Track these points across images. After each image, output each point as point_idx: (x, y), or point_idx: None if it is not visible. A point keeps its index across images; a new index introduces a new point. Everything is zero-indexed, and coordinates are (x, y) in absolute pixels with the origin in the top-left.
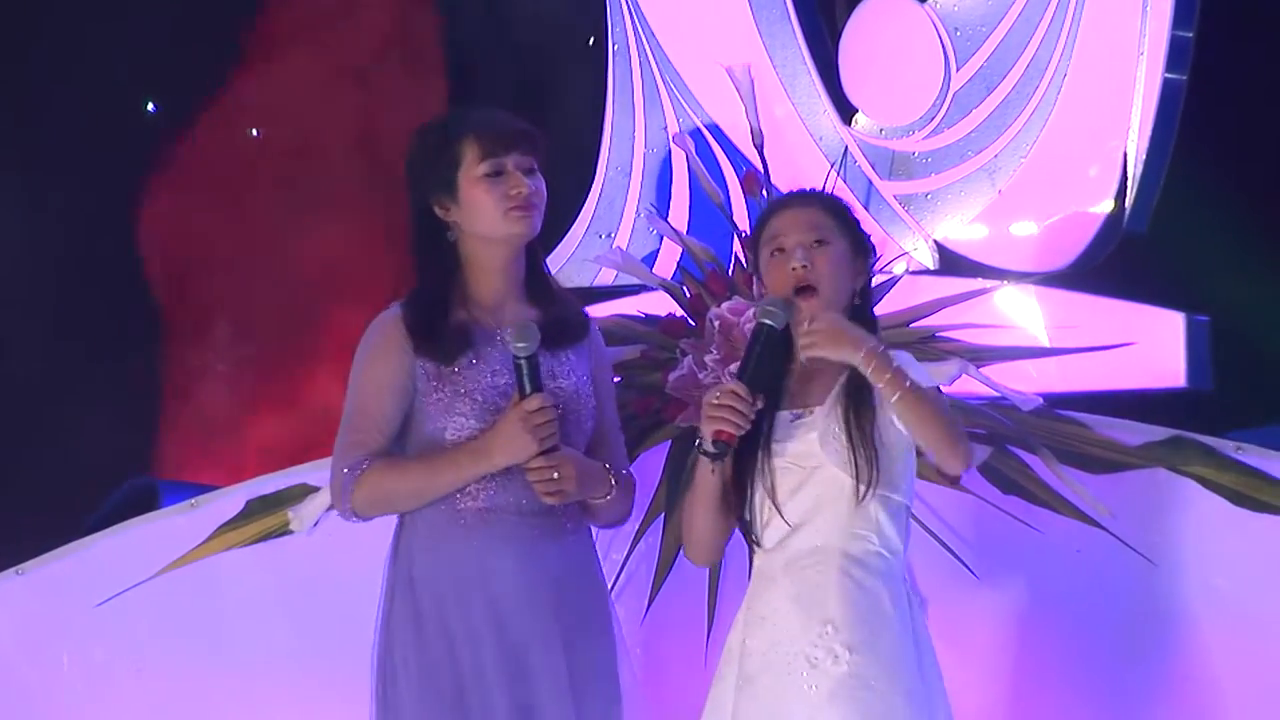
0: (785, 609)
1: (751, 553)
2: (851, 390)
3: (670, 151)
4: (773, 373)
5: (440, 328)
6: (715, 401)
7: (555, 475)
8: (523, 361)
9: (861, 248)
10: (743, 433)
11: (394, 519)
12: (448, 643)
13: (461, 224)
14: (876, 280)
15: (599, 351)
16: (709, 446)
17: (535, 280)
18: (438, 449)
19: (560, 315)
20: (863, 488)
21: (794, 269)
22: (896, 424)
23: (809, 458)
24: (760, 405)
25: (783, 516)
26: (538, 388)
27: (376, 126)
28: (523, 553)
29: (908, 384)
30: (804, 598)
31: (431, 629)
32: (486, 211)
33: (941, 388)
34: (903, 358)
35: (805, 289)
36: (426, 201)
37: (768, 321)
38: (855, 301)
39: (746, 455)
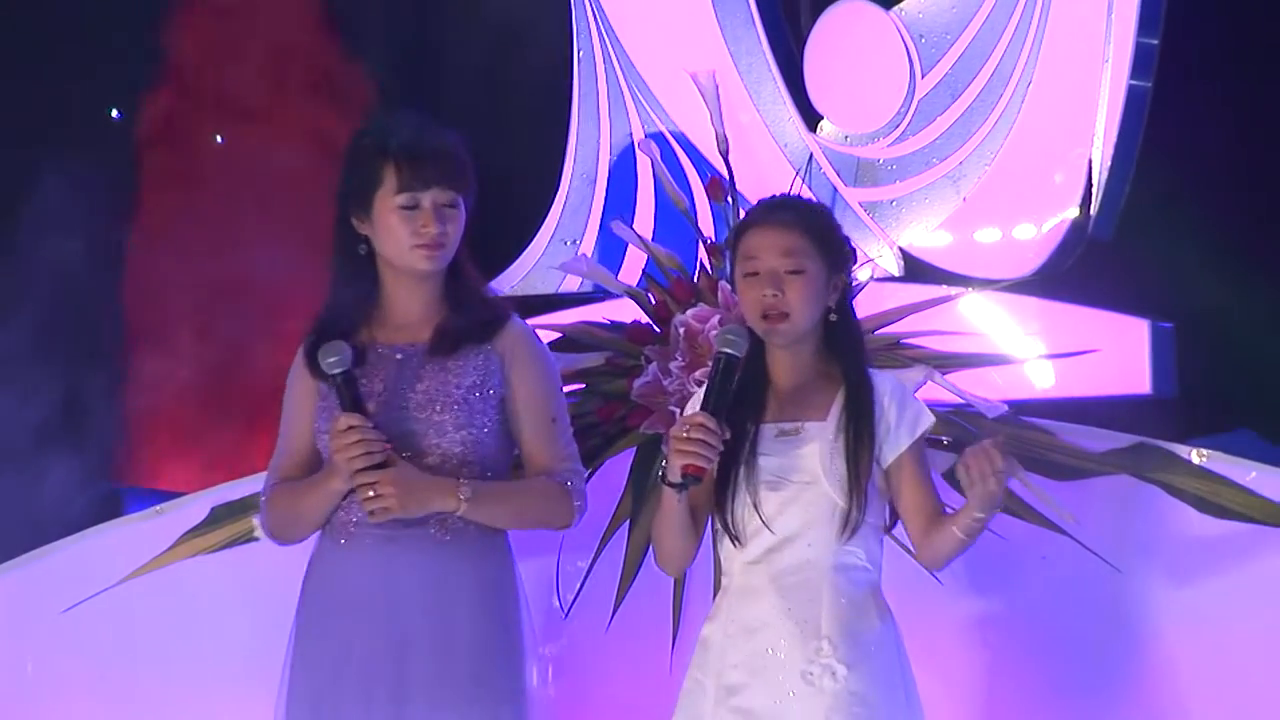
0: (777, 623)
1: (717, 561)
2: (853, 416)
3: (635, 158)
4: (747, 396)
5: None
6: (685, 435)
7: (371, 493)
8: (334, 378)
9: (839, 266)
10: (712, 465)
11: None
12: (314, 659)
13: (373, 240)
14: None
15: (518, 356)
16: (675, 478)
17: (453, 293)
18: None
19: (456, 323)
20: (855, 514)
21: (763, 296)
22: (883, 466)
23: (802, 473)
24: (728, 435)
25: (769, 528)
26: (353, 406)
27: (325, 131)
28: (383, 565)
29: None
30: (795, 612)
31: (316, 641)
32: (396, 241)
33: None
34: (899, 393)
35: (774, 316)
36: (345, 210)
37: (728, 350)
38: (831, 318)
39: (727, 467)
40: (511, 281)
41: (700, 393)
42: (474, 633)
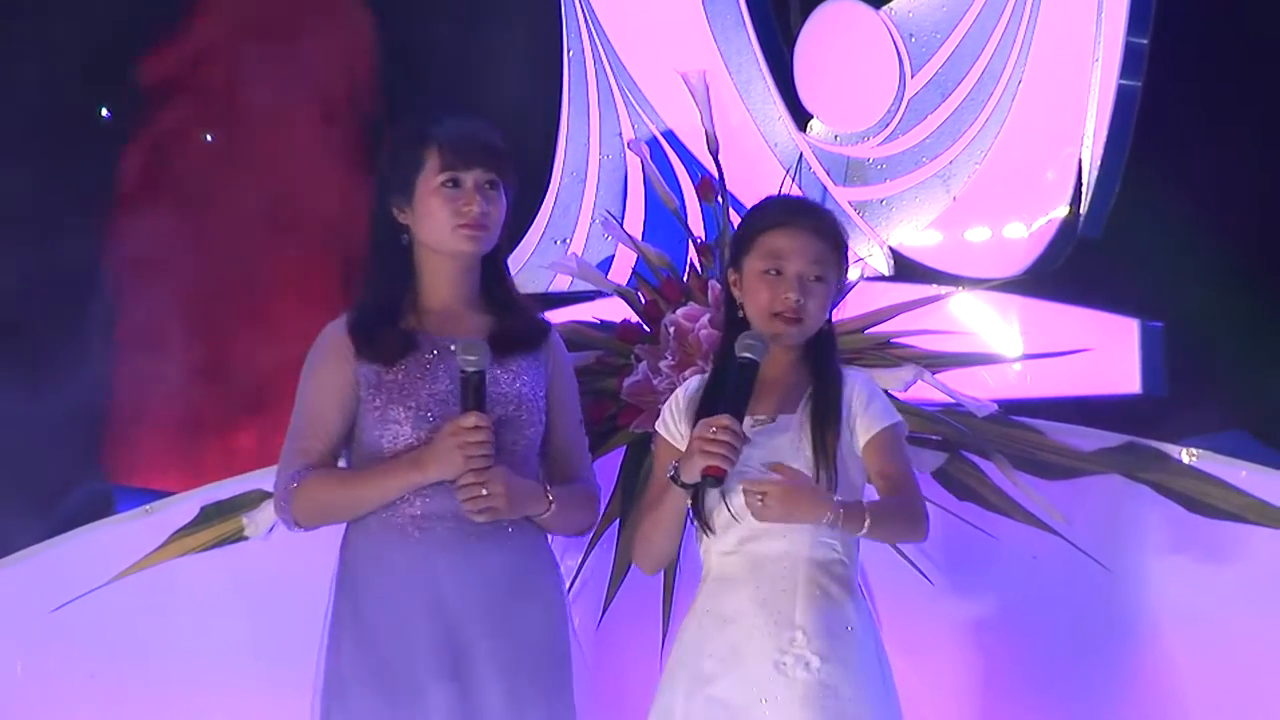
0: (751, 612)
1: (699, 552)
2: (819, 406)
3: (626, 157)
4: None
5: (382, 333)
6: (711, 437)
7: (484, 492)
8: (469, 376)
9: (845, 272)
10: (732, 467)
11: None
12: (390, 647)
13: (414, 229)
14: None
15: (559, 361)
16: (691, 478)
17: (493, 289)
18: (377, 457)
19: (511, 325)
20: None
21: (788, 299)
22: (858, 453)
23: (772, 463)
24: (749, 440)
25: (736, 519)
26: (478, 405)
27: (325, 130)
28: (460, 558)
29: (866, 520)
30: (770, 603)
31: (374, 634)
32: (437, 223)
33: (901, 428)
34: (868, 385)
35: (789, 319)
36: (386, 201)
37: (749, 355)
38: (825, 327)
39: None
40: None
41: (693, 393)
42: (552, 625)
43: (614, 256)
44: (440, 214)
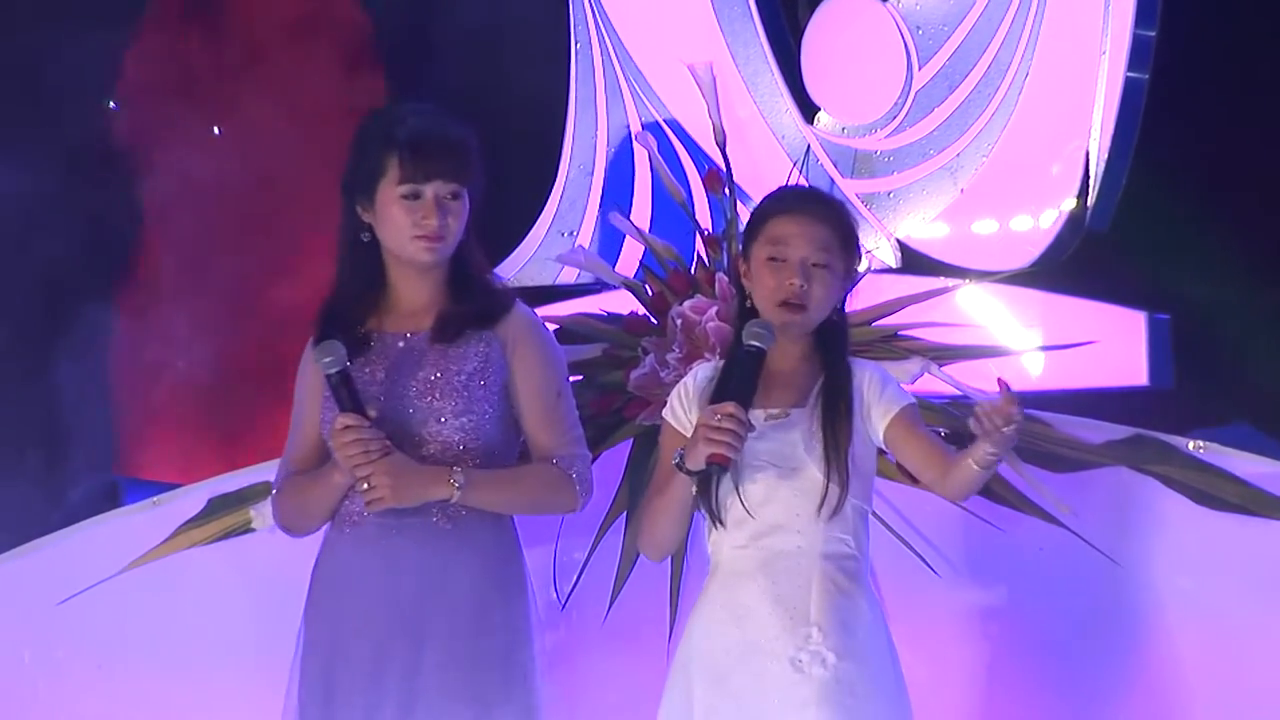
0: (766, 609)
1: (707, 546)
2: (830, 397)
3: (633, 149)
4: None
5: (334, 339)
6: (715, 424)
7: (364, 486)
8: (330, 378)
9: (854, 263)
10: (738, 455)
11: None
12: (324, 647)
13: (376, 229)
14: None
15: (521, 342)
16: (696, 465)
17: (458, 282)
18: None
19: (459, 310)
20: (836, 492)
21: (791, 284)
22: (872, 439)
23: (788, 459)
24: (754, 428)
25: (751, 515)
26: (351, 405)
27: (317, 122)
28: (384, 555)
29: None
30: (785, 599)
31: (314, 633)
32: (396, 231)
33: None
34: (879, 372)
35: (794, 306)
36: (350, 198)
37: (755, 343)
38: (834, 317)
39: None
40: (509, 273)
41: (702, 381)
42: (478, 621)
43: (621, 249)
44: (400, 223)
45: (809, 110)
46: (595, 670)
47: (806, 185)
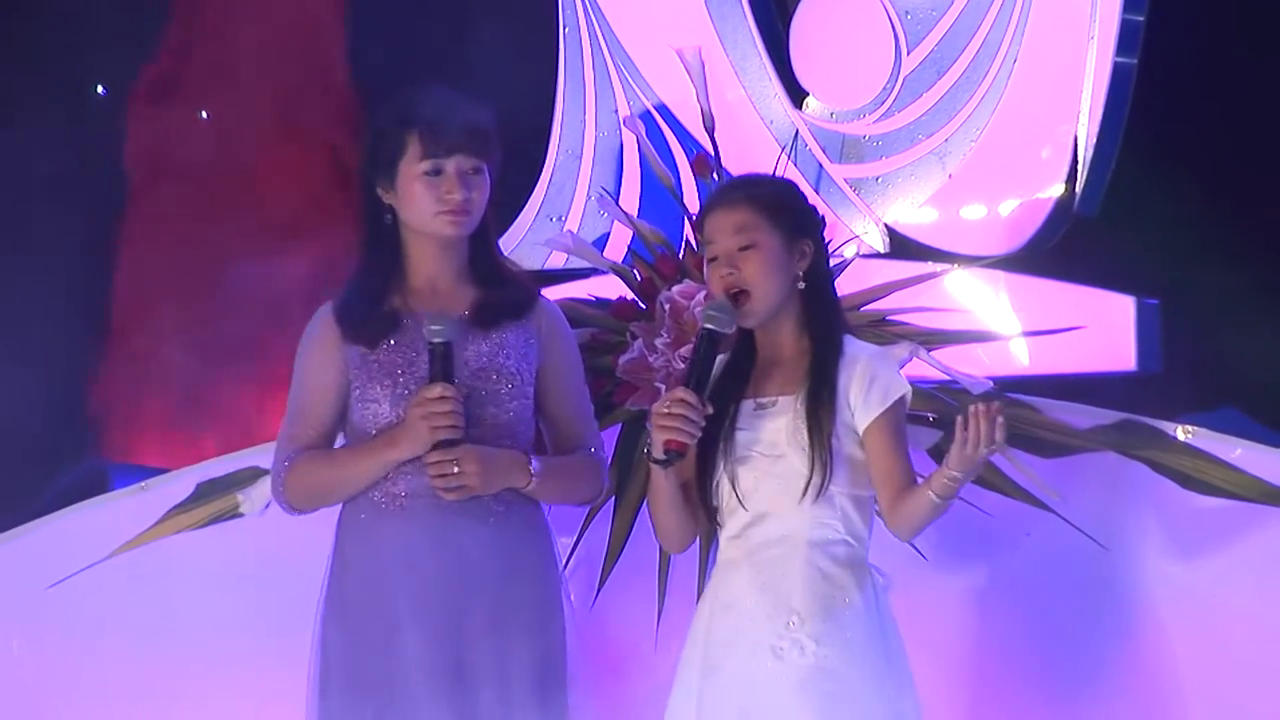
0: (750, 598)
1: (715, 537)
2: (815, 387)
3: (621, 134)
4: (733, 372)
5: (366, 313)
6: (666, 411)
7: (454, 470)
8: (435, 347)
9: (800, 233)
10: (694, 441)
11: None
12: (375, 629)
13: (398, 210)
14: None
15: (554, 330)
16: (658, 454)
17: (481, 263)
18: (364, 437)
19: (495, 297)
20: (817, 480)
21: (723, 277)
22: (855, 430)
23: (774, 447)
24: (710, 411)
25: (743, 505)
26: (446, 376)
27: (294, 104)
28: (439, 538)
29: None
30: (769, 587)
31: (360, 615)
32: (420, 208)
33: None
34: (871, 365)
35: (739, 294)
36: (370, 180)
37: (711, 326)
38: (800, 285)
39: (709, 443)
40: None
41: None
42: (535, 602)
43: (609, 233)
44: (423, 200)
45: (797, 95)
46: (583, 655)
47: (731, 177)
